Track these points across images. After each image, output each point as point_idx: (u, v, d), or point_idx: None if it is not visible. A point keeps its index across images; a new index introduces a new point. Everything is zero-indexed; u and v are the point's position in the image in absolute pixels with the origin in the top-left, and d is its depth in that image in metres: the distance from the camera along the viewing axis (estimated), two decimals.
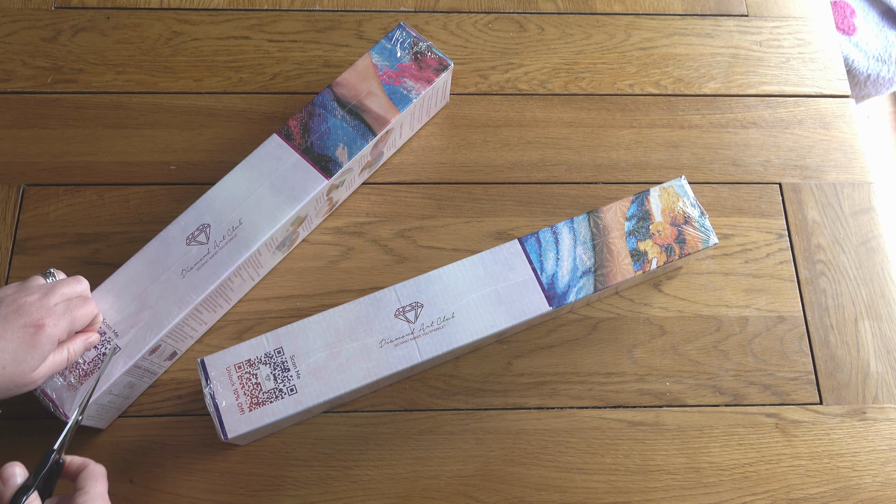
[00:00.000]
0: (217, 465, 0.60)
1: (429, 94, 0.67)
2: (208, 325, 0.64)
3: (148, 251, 0.59)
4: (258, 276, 0.65)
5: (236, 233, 0.60)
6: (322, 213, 0.67)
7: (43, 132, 0.70)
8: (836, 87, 0.77)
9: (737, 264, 0.68)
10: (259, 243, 0.60)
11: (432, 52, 0.67)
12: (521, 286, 0.59)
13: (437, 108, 0.72)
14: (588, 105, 0.75)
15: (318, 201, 0.63)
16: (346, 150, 0.63)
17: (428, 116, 0.72)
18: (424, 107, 0.69)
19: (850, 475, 0.62)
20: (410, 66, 0.66)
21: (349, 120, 0.64)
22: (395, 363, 0.56)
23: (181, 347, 0.62)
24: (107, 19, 0.75)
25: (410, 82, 0.66)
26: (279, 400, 0.55)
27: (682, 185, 0.63)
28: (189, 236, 0.60)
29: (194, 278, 0.58)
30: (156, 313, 0.57)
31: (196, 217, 0.60)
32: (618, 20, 0.79)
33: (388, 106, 0.65)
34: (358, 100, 0.65)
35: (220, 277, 0.58)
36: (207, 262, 0.59)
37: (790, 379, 0.64)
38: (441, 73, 0.66)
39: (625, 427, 0.62)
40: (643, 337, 0.65)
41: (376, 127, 0.64)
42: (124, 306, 0.57)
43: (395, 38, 0.67)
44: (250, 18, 0.76)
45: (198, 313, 0.60)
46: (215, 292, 0.59)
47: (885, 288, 0.68)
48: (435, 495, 0.60)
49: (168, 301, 0.58)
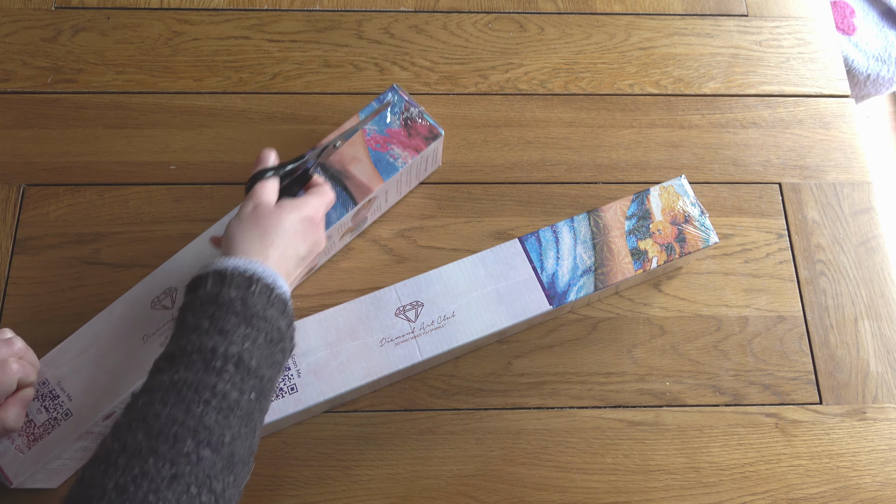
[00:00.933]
0: None
1: (416, 163, 0.64)
2: None
3: (112, 311, 0.57)
4: None
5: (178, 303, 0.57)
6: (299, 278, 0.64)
7: (43, 132, 0.70)
8: (836, 87, 0.77)
9: (737, 264, 0.68)
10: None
11: (423, 118, 0.64)
12: (521, 285, 0.59)
13: (427, 172, 0.69)
14: (588, 105, 0.75)
15: None
16: (324, 218, 0.59)
17: (417, 181, 0.69)
18: (413, 173, 0.66)
19: (850, 475, 0.62)
20: (399, 132, 0.64)
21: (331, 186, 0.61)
22: (395, 362, 0.56)
23: None
24: (107, 19, 0.75)
25: (398, 150, 0.63)
26: (280, 399, 0.55)
27: (682, 185, 0.63)
28: (154, 299, 0.57)
29: (155, 344, 0.55)
30: (113, 379, 0.54)
31: (163, 280, 0.58)
32: (618, 20, 0.79)
33: (373, 174, 0.62)
34: (342, 165, 0.62)
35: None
36: (170, 327, 0.56)
37: (790, 379, 0.64)
38: (431, 141, 0.63)
39: (625, 427, 0.62)
40: (643, 337, 0.65)
41: (358, 195, 0.61)
42: (81, 367, 0.54)
43: (387, 101, 0.64)
44: (250, 18, 0.76)
45: None
46: None
47: (885, 288, 0.68)
48: (435, 495, 0.60)
49: (126, 367, 0.54)
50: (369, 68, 0.75)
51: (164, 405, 0.40)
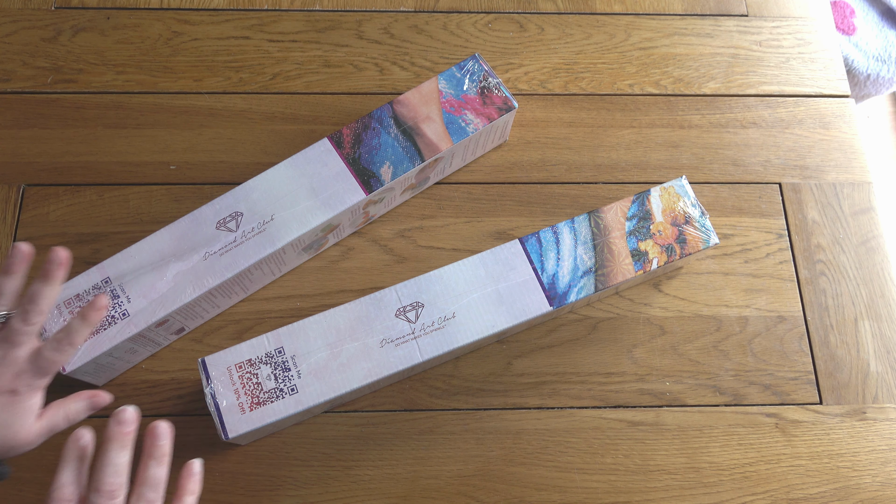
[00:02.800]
0: (217, 465, 0.60)
1: (486, 131, 0.66)
2: (221, 308, 0.64)
3: (178, 226, 0.60)
4: (280, 272, 0.65)
5: (266, 227, 0.60)
6: (356, 224, 0.66)
7: (43, 132, 0.70)
8: (836, 87, 0.77)
9: (737, 264, 0.68)
10: (285, 242, 0.60)
11: (500, 90, 0.66)
12: (521, 286, 0.59)
13: (493, 144, 0.71)
14: (588, 105, 0.75)
15: (354, 213, 0.63)
16: (391, 169, 0.62)
17: (483, 151, 0.71)
18: (480, 142, 0.68)
19: (850, 475, 0.62)
20: (475, 99, 0.65)
21: (401, 140, 0.63)
22: (395, 363, 0.56)
23: (189, 325, 0.62)
24: (107, 19, 0.75)
25: (471, 115, 0.65)
26: (280, 400, 0.55)
27: (682, 185, 0.63)
28: (220, 221, 0.60)
29: (215, 263, 0.59)
30: (170, 288, 0.58)
31: (231, 203, 0.61)
32: (618, 20, 0.79)
33: (443, 134, 0.64)
34: (415, 122, 0.64)
35: (239, 268, 0.59)
36: (231, 249, 0.59)
37: (790, 379, 0.65)
38: (504, 113, 0.65)
39: (625, 427, 0.62)
40: (643, 337, 0.65)
41: (426, 153, 0.63)
42: (142, 274, 0.58)
43: (467, 68, 0.66)
44: (250, 18, 0.76)
45: (212, 297, 0.60)
46: (233, 280, 0.60)
47: (885, 288, 0.68)
48: (435, 495, 0.60)
49: (185, 279, 0.58)
50: (369, 68, 0.75)
51: None
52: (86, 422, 0.51)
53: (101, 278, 0.58)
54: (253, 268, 0.60)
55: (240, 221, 0.60)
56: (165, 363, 0.63)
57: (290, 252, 0.62)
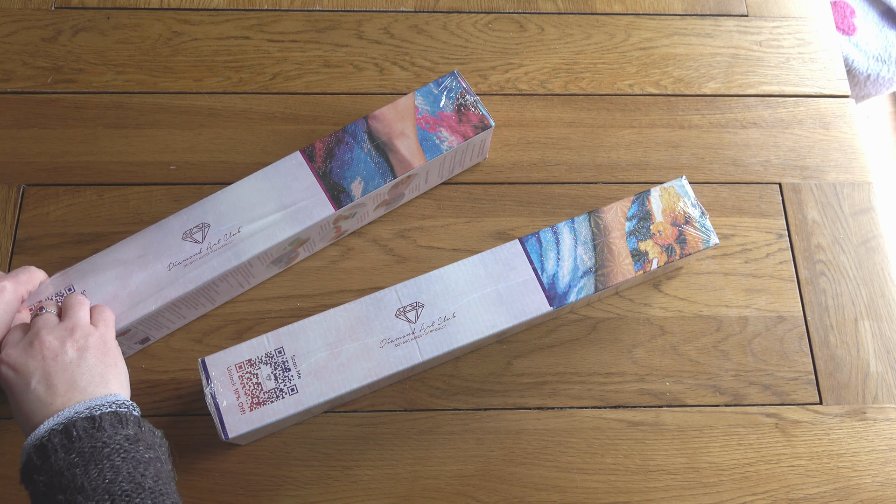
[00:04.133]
0: (217, 465, 0.60)
1: (462, 149, 0.65)
2: (188, 319, 0.64)
3: (143, 236, 0.59)
4: (248, 284, 0.65)
5: (232, 240, 0.59)
6: (327, 239, 0.66)
7: (43, 132, 0.70)
8: (836, 87, 0.77)
9: (737, 264, 0.68)
10: (250, 256, 0.59)
11: (477, 108, 0.65)
12: (521, 286, 0.59)
13: (471, 161, 0.70)
14: (588, 105, 0.75)
15: (324, 228, 0.63)
16: (362, 184, 0.62)
17: (461, 168, 0.70)
18: (457, 160, 0.67)
19: (850, 475, 0.62)
20: (451, 116, 0.64)
21: (374, 156, 0.63)
22: (395, 363, 0.56)
23: (155, 335, 0.62)
24: (107, 19, 0.75)
25: (446, 133, 0.64)
26: (280, 400, 0.55)
27: (682, 186, 0.63)
28: (186, 231, 0.60)
29: (179, 274, 0.58)
30: (134, 298, 0.57)
31: (199, 214, 0.60)
32: (618, 20, 0.79)
33: (417, 151, 0.63)
34: (389, 137, 0.63)
35: (203, 280, 0.58)
36: (196, 261, 0.59)
37: (790, 379, 0.65)
38: (479, 131, 0.64)
39: (625, 427, 0.62)
40: (643, 337, 0.65)
41: (398, 169, 0.63)
42: (105, 283, 0.58)
43: (445, 84, 0.65)
44: (250, 18, 0.76)
45: (176, 308, 0.60)
46: (198, 292, 0.59)
47: (885, 288, 0.68)
48: (435, 495, 0.60)
49: (147, 289, 0.58)
50: (369, 68, 0.75)
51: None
52: None
53: (64, 286, 0.58)
54: (218, 280, 0.59)
55: (206, 233, 0.60)
56: (165, 363, 0.63)
57: (257, 265, 0.62)
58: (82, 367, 0.50)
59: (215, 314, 0.64)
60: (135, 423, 0.48)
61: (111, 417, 0.47)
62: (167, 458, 0.50)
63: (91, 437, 0.45)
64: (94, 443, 0.45)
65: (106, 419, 0.47)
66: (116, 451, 0.45)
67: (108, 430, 0.46)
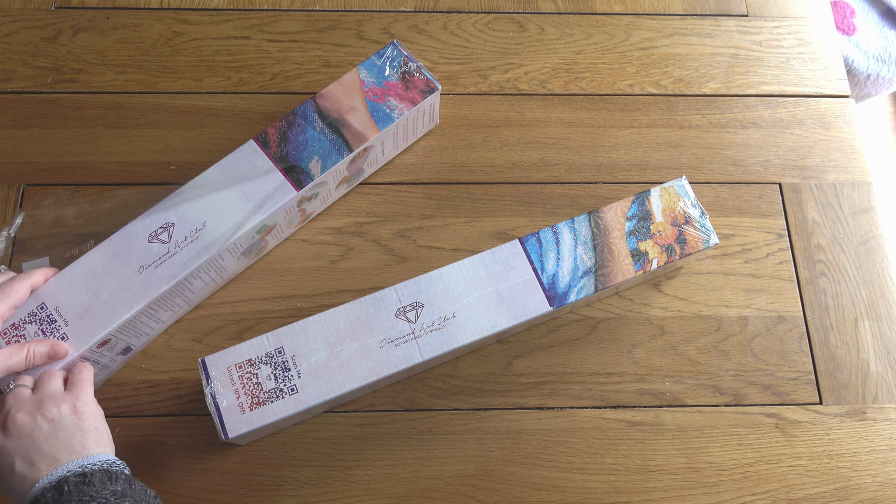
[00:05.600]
0: (217, 465, 0.60)
1: (413, 116, 0.66)
2: (166, 323, 0.63)
3: (110, 244, 0.59)
4: (221, 280, 0.64)
5: (199, 235, 0.59)
6: (294, 223, 0.66)
7: (43, 132, 0.70)
8: (836, 87, 0.77)
9: (737, 264, 0.68)
10: (219, 248, 0.59)
11: (421, 73, 0.65)
12: (521, 286, 0.59)
13: (424, 129, 0.71)
14: (588, 105, 0.75)
15: (288, 212, 0.63)
16: (319, 163, 0.62)
17: (415, 137, 0.71)
18: (409, 127, 0.68)
19: (850, 475, 0.62)
20: (397, 85, 0.65)
21: (328, 133, 0.63)
22: (395, 363, 0.56)
23: (135, 343, 0.61)
24: (107, 19, 0.75)
25: (395, 101, 0.64)
26: (280, 400, 0.55)
27: (682, 185, 0.63)
28: (152, 234, 0.59)
29: (151, 276, 0.58)
30: (108, 307, 0.57)
31: (162, 215, 0.60)
32: (618, 20, 0.79)
33: (369, 123, 0.64)
34: (339, 114, 0.64)
35: (176, 278, 0.58)
36: (166, 261, 0.58)
37: (790, 379, 0.65)
38: (427, 95, 0.65)
39: (625, 427, 0.62)
40: (643, 337, 0.65)
41: (354, 143, 0.63)
42: (78, 296, 0.57)
43: (387, 55, 0.66)
44: (250, 18, 0.76)
45: (153, 311, 0.59)
46: (172, 292, 0.59)
47: (885, 288, 0.68)
48: (435, 495, 0.60)
49: (122, 296, 0.57)
50: None
51: None
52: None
53: (35, 305, 0.57)
54: (191, 277, 0.59)
55: (172, 232, 0.59)
56: (165, 363, 0.63)
57: (228, 258, 0.61)
58: (60, 438, 0.50)
59: (215, 314, 0.64)
60: (125, 481, 0.49)
61: (101, 475, 0.49)
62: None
63: (80, 491, 0.47)
64: (82, 497, 0.47)
65: (97, 476, 0.48)
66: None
67: (97, 485, 0.48)
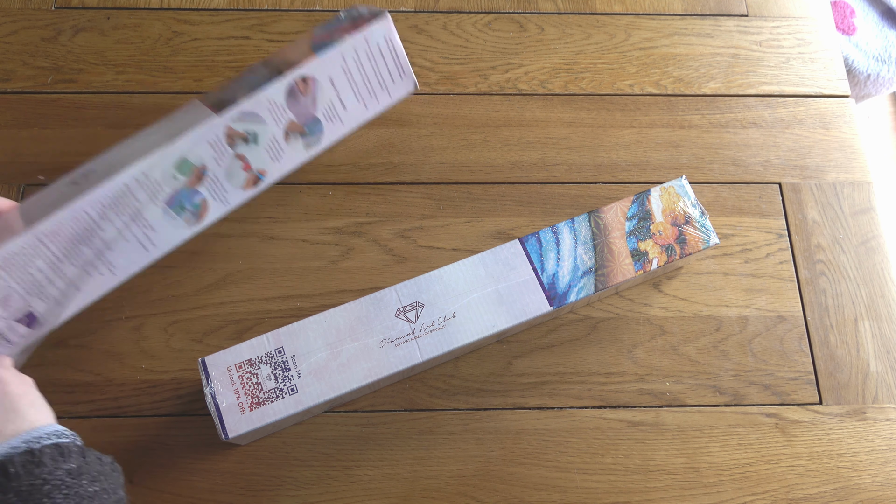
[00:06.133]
0: (217, 465, 0.60)
1: (362, 49, 0.60)
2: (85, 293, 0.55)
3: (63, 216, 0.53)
4: (153, 245, 0.57)
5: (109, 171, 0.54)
6: (237, 179, 0.59)
7: (43, 132, 0.70)
8: (836, 87, 0.77)
9: (737, 264, 0.68)
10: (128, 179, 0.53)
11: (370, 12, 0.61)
12: (521, 286, 0.59)
13: (394, 85, 0.63)
14: (588, 105, 0.75)
15: (217, 149, 0.57)
16: (248, 92, 0.57)
17: (387, 96, 0.64)
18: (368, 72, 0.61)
19: (850, 475, 0.62)
20: (346, 26, 0.61)
21: (266, 74, 0.59)
22: (395, 363, 0.56)
23: (39, 308, 0.53)
24: (107, 19, 0.75)
25: (339, 36, 0.60)
26: (280, 399, 0.55)
27: (682, 185, 0.63)
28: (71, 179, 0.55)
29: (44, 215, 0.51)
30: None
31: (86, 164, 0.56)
32: (618, 20, 0.79)
33: (307, 53, 0.59)
34: (283, 57, 0.60)
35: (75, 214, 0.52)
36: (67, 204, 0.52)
37: (790, 379, 0.65)
38: (372, 20, 0.59)
39: (625, 427, 0.62)
40: (643, 337, 0.65)
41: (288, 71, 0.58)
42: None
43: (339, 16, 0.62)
44: (250, 18, 0.76)
45: (59, 262, 0.52)
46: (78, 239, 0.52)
47: (885, 288, 0.68)
48: (435, 495, 0.60)
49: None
50: None
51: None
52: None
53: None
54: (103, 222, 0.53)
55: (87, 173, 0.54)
56: (165, 363, 0.63)
57: (153, 211, 0.55)
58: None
59: (215, 314, 0.64)
60: (78, 455, 0.44)
61: (52, 451, 0.43)
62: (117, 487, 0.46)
63: (30, 473, 0.41)
64: (33, 480, 0.41)
65: (46, 453, 0.42)
66: (57, 488, 0.42)
67: (48, 464, 0.42)
